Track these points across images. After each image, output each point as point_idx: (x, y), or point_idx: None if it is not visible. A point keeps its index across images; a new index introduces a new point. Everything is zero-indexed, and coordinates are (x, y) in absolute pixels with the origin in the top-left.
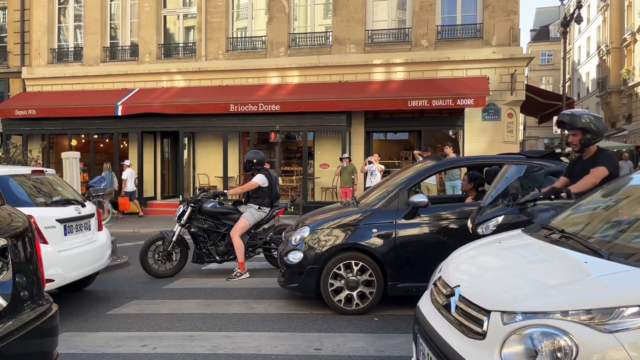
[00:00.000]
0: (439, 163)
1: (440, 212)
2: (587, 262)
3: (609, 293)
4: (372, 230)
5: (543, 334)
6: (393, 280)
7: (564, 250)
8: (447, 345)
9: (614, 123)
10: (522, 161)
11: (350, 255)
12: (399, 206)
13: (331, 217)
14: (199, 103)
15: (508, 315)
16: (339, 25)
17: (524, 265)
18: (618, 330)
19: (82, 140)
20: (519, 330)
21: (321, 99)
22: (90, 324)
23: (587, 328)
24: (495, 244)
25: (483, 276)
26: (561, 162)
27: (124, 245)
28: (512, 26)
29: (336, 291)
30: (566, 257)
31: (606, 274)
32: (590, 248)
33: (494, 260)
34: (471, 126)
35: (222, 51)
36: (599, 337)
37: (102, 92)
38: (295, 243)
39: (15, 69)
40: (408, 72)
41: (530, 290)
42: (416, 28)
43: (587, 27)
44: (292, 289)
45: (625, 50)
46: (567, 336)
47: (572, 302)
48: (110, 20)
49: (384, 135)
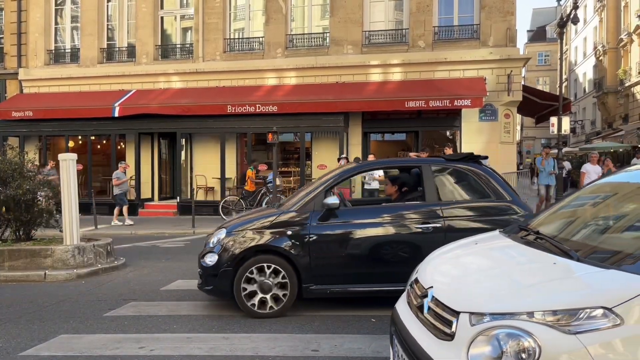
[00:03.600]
0: (359, 165)
1: (355, 214)
2: (556, 263)
3: (574, 294)
4: (286, 233)
5: (508, 335)
6: (307, 282)
7: (537, 251)
8: (419, 346)
9: (611, 123)
10: (441, 164)
11: (264, 258)
12: (315, 208)
13: (249, 220)
14: (197, 104)
15: (476, 316)
16: (336, 26)
17: (496, 266)
18: (581, 331)
19: (79, 141)
20: (485, 331)
21: (319, 100)
22: (87, 325)
23: (551, 329)
24: (472, 246)
25: (455, 277)
26: (480, 165)
27: (121, 247)
28: (508, 27)
29: (250, 294)
30: (537, 258)
31: (572, 275)
32: (561, 249)
33: (467, 261)
34: (468, 127)
35: (219, 52)
36: (562, 339)
37: (99, 93)
38: (212, 245)
39: (12, 70)
40: (405, 72)
41: (498, 292)
42: (413, 29)
43: (584, 27)
44: (207, 292)
45: (621, 50)
46: (530, 337)
47: (537, 304)
48: (107, 21)
49: (382, 136)
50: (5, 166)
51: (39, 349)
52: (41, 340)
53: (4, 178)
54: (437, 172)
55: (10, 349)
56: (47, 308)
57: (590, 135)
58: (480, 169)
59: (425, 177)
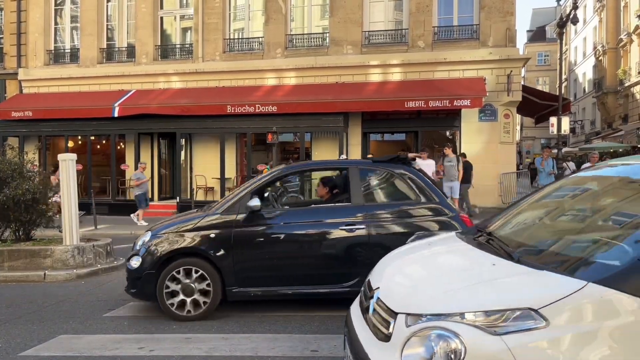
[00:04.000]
0: (286, 167)
1: (280, 216)
2: (495, 264)
3: (504, 296)
4: (209, 236)
5: (439, 336)
6: (230, 285)
7: (482, 253)
8: (362, 347)
9: (610, 123)
10: (367, 165)
11: (187, 260)
12: (240, 211)
13: (175, 222)
14: (196, 104)
15: (412, 317)
16: (336, 26)
17: (439, 268)
18: (507, 333)
19: (79, 141)
20: (419, 332)
21: (318, 100)
22: (86, 326)
23: (478, 331)
24: (423, 248)
25: (399, 279)
26: (409, 167)
27: (121, 247)
28: (508, 27)
29: (172, 297)
30: (480, 260)
31: (506, 276)
32: (506, 251)
33: (414, 263)
34: (468, 127)
35: (219, 52)
36: (487, 340)
37: (99, 93)
38: (138, 248)
39: (12, 70)
40: (405, 73)
41: (434, 293)
42: (413, 29)
43: (584, 27)
44: (132, 295)
45: (621, 50)
46: (457, 338)
47: (468, 305)
48: (107, 21)
49: (381, 136)
50: (5, 166)
51: (39, 349)
52: (41, 341)
53: (4, 178)
54: (364, 173)
55: (9, 349)
56: (46, 308)
57: (589, 136)
58: (408, 170)
59: (352, 179)
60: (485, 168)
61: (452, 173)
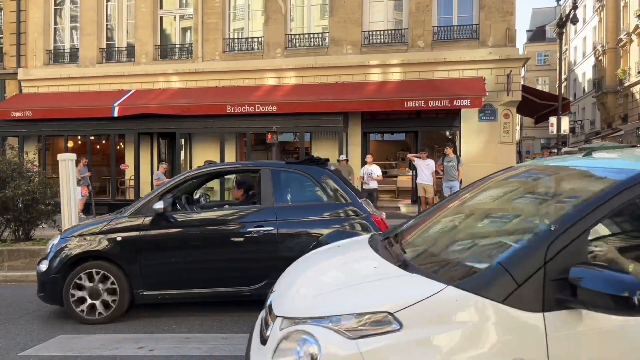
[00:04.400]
0: (196, 169)
1: (189, 218)
2: (376, 267)
3: (368, 299)
4: (116, 239)
5: (303, 340)
6: (138, 288)
7: (376, 256)
8: (248, 348)
9: (610, 123)
10: (280, 167)
11: (93, 264)
12: (148, 213)
13: (84, 225)
14: (196, 104)
15: (287, 320)
16: (336, 26)
17: (327, 272)
18: (362, 336)
19: (79, 141)
20: (288, 336)
21: (318, 100)
22: (86, 326)
23: (335, 335)
24: (329, 251)
25: (288, 282)
26: (323, 168)
27: None
28: (508, 27)
29: (79, 300)
30: (366, 263)
31: (378, 279)
32: (396, 254)
33: (312, 267)
34: (467, 127)
35: (218, 52)
36: (342, 344)
37: (99, 93)
38: (48, 251)
39: (11, 70)
40: (404, 72)
41: (308, 297)
42: (412, 29)
43: (583, 27)
44: (41, 299)
45: (621, 50)
46: (316, 343)
47: (331, 309)
48: (107, 21)
49: (381, 136)
50: (5, 166)
51: (39, 349)
52: (40, 340)
53: (4, 178)
54: (276, 175)
55: (9, 348)
56: (46, 308)
57: (589, 135)
58: (321, 172)
59: (263, 181)
60: (485, 168)
61: (452, 173)
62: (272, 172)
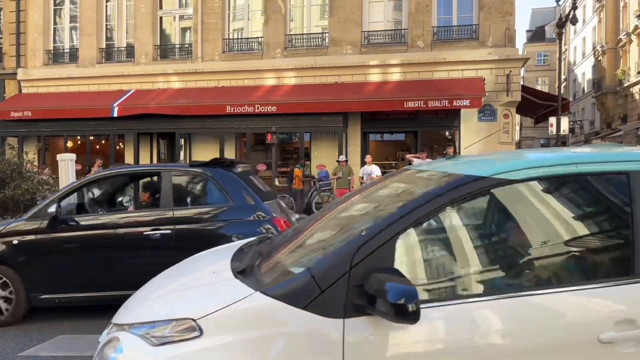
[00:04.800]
0: (98, 172)
1: (86, 221)
2: (214, 272)
3: (178, 305)
4: (12, 242)
5: (114, 346)
6: (35, 291)
7: (226, 263)
8: None
9: (610, 124)
10: (182, 169)
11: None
12: (45, 217)
13: None
14: (195, 104)
15: (115, 326)
16: (335, 27)
17: (174, 278)
18: (163, 343)
19: (78, 141)
20: (109, 341)
21: (317, 100)
22: (86, 326)
23: (140, 341)
24: (201, 257)
25: (142, 289)
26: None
27: None
28: (507, 27)
29: None
30: (211, 268)
31: (204, 285)
32: (246, 260)
33: (168, 273)
34: (467, 127)
35: (218, 52)
36: (143, 351)
37: (98, 93)
38: None
39: (11, 70)
40: (404, 73)
41: (133, 303)
42: (412, 29)
43: (583, 27)
44: None
45: (620, 50)
46: (122, 349)
47: (144, 315)
48: (106, 21)
49: (381, 136)
50: (4, 166)
51: (39, 349)
52: (40, 341)
53: (3, 178)
54: (178, 178)
55: (9, 349)
56: (45, 308)
57: (589, 136)
58: (224, 174)
59: (164, 184)
60: None
61: None
62: (173, 175)
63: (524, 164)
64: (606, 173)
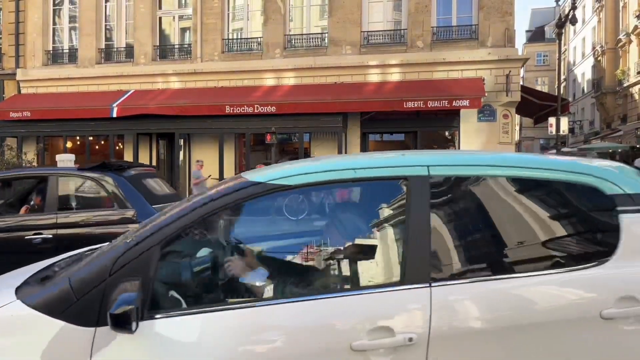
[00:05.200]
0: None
1: None
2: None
3: None
4: None
5: None
6: None
7: (16, 274)
8: None
9: (609, 124)
10: (69, 172)
11: None
12: None
13: None
14: (195, 104)
15: None
16: (335, 27)
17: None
18: None
19: (77, 142)
20: None
21: (317, 101)
22: None
23: None
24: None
25: None
26: (117, 174)
27: None
28: (507, 27)
29: None
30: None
31: None
32: (44, 273)
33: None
34: (467, 127)
35: (217, 52)
36: None
37: (97, 93)
38: None
39: (10, 70)
40: (404, 73)
41: None
42: (411, 29)
43: (583, 27)
44: None
45: (620, 51)
46: None
47: None
48: (106, 21)
49: (380, 136)
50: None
51: None
52: None
53: None
54: (65, 181)
55: None
56: None
57: (588, 136)
58: (114, 178)
59: (50, 187)
60: None
61: None
62: (59, 178)
63: (301, 170)
64: (385, 178)
